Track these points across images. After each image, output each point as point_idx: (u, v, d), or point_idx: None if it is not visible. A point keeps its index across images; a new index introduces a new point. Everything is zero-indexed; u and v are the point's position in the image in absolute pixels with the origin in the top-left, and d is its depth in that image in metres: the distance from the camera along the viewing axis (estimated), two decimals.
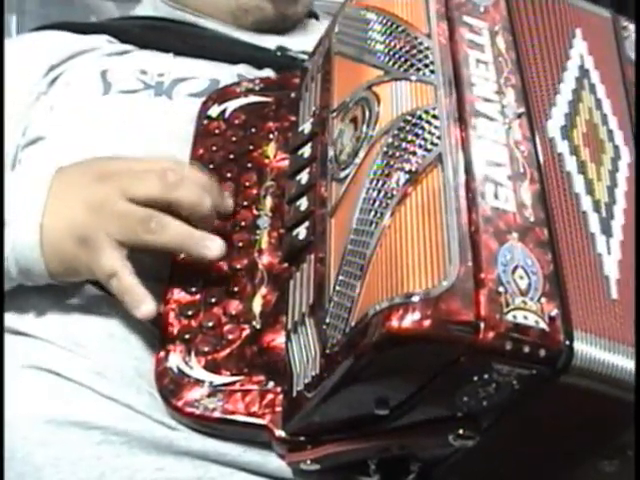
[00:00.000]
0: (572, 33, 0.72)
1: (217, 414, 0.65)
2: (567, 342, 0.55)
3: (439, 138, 0.60)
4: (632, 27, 0.77)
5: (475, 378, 0.55)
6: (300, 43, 0.92)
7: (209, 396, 0.65)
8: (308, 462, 0.63)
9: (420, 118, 0.61)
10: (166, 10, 0.99)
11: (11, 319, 0.73)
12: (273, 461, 0.66)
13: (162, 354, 0.67)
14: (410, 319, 0.53)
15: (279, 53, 0.91)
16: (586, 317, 0.57)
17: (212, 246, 0.67)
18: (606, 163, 0.66)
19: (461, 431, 0.59)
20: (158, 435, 0.67)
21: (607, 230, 0.63)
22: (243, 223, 0.73)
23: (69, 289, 0.73)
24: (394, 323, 0.53)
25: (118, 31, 0.95)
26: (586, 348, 0.55)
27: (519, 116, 0.63)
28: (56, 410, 0.67)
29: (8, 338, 0.72)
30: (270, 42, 0.93)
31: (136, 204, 0.66)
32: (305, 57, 0.86)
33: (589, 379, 0.56)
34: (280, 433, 0.63)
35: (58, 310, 0.73)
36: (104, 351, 0.70)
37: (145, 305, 0.66)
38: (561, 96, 0.68)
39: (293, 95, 0.81)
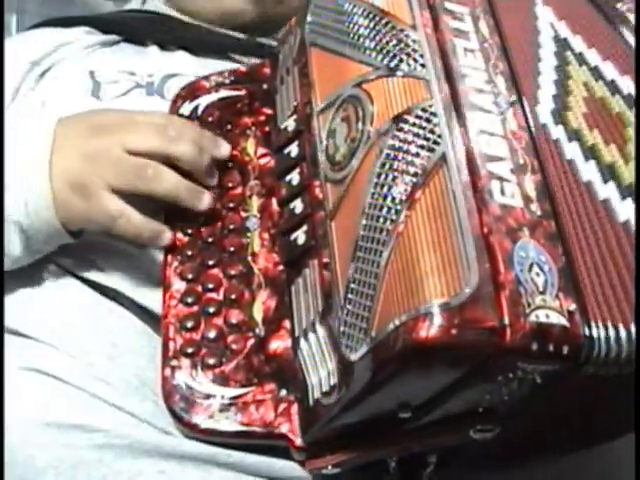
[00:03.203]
0: (531, 1, 0.70)
1: (233, 428, 0.64)
2: (587, 334, 0.56)
3: (440, 137, 0.59)
4: None
5: (500, 378, 0.56)
6: None
7: (221, 410, 0.64)
8: (329, 467, 0.63)
9: (418, 117, 0.60)
10: (153, 4, 0.97)
11: (13, 321, 0.72)
12: (277, 462, 0.66)
13: (167, 372, 0.66)
14: (436, 328, 0.53)
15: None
16: (600, 307, 0.57)
17: (204, 198, 0.70)
18: (632, 138, 0.62)
19: (481, 425, 0.60)
20: (161, 439, 0.66)
21: None
22: (232, 226, 0.71)
23: (71, 294, 0.72)
24: (422, 333, 0.53)
25: (100, 22, 0.93)
26: (604, 338, 0.56)
27: (512, 104, 0.63)
28: (58, 413, 0.66)
29: (9, 339, 0.71)
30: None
31: (134, 156, 0.68)
32: None
33: (607, 367, 0.57)
34: (299, 442, 0.63)
35: (62, 316, 0.71)
36: (107, 359, 0.69)
37: (167, 234, 0.70)
38: (543, 77, 0.66)
39: (265, 86, 0.78)
